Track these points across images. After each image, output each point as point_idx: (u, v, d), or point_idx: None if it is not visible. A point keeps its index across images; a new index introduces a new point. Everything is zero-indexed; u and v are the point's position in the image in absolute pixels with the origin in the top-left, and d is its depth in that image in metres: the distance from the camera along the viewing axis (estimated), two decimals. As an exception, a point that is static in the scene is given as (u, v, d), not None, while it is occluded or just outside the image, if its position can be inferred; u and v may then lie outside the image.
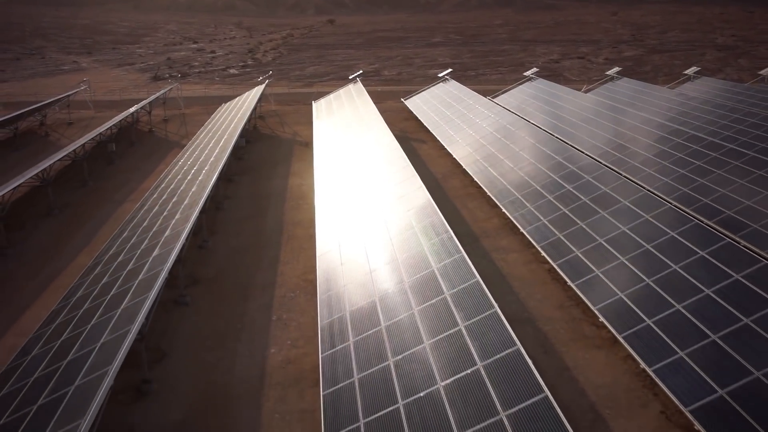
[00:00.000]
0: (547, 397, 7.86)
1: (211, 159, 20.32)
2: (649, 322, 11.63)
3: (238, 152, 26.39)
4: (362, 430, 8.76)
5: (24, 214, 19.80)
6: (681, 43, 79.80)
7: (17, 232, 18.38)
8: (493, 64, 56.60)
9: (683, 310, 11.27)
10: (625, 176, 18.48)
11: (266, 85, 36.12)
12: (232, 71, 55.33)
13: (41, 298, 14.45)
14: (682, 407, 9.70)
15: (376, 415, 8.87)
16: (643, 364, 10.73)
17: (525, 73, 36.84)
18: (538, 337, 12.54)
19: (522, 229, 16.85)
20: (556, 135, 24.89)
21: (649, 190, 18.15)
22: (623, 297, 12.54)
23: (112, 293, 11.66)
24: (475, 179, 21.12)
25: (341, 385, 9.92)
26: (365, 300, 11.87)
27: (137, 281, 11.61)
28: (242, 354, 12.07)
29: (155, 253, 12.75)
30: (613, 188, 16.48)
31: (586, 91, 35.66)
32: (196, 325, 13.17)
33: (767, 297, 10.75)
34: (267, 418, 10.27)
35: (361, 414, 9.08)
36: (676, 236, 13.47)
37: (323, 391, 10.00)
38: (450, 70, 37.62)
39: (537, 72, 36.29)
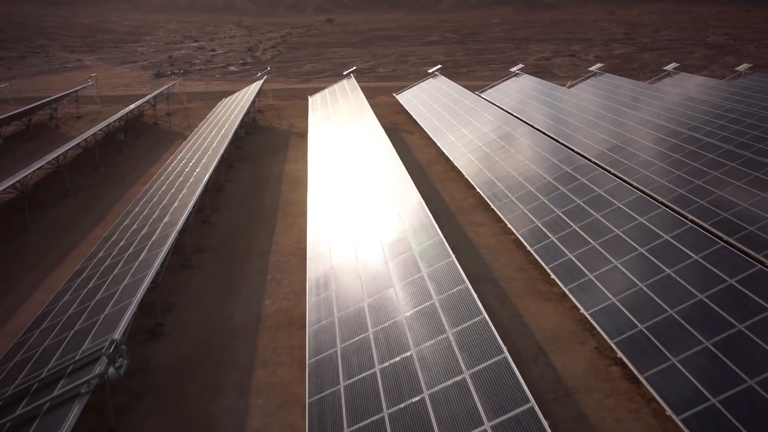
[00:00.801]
0: (484, 318, 9.84)
1: (213, 145, 22.34)
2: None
3: (238, 142, 28.41)
4: (339, 352, 10.77)
5: (43, 196, 21.82)
6: (673, 41, 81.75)
7: (38, 210, 20.41)
8: (486, 62, 58.60)
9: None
10: (579, 153, 20.47)
11: (264, 81, 38.11)
12: (232, 68, 57.33)
13: (64, 263, 16.47)
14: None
15: (352, 341, 10.86)
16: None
17: (511, 70, 38.83)
18: (498, 293, 14.54)
19: (491, 204, 18.84)
20: (528, 122, 26.91)
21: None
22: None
23: (129, 251, 13.68)
24: (455, 164, 23.13)
25: (324, 322, 11.93)
26: (346, 259, 13.88)
27: (151, 241, 13.63)
28: (241, 305, 14.09)
29: (166, 219, 14.77)
30: (562, 159, 18.46)
31: (570, 86, 37.67)
32: (201, 283, 15.19)
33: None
34: (261, 351, 12.29)
35: (338, 341, 11.08)
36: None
37: (308, 328, 12.02)
38: (439, 66, 39.63)
39: (528, 69, 38.30)
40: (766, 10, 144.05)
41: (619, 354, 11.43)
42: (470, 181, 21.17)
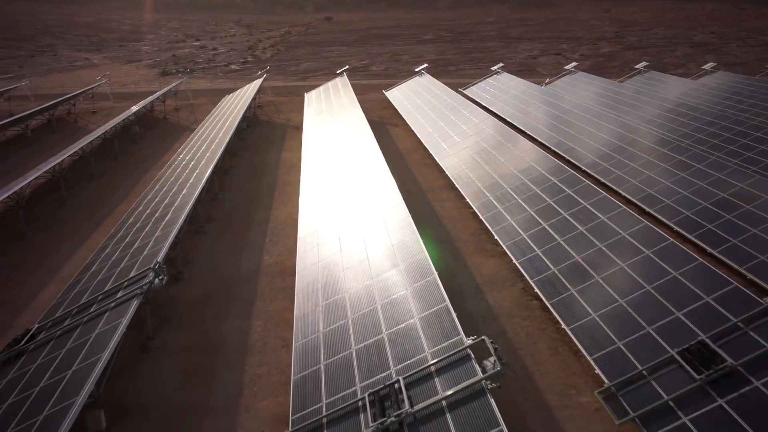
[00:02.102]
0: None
1: (219, 136, 25.99)
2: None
3: (240, 134, 32.05)
4: (319, 284, 14.39)
5: (72, 179, 25.48)
6: (659, 39, 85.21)
7: (69, 190, 24.08)
8: (475, 60, 62.16)
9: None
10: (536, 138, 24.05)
11: (264, 79, 41.75)
12: (233, 67, 60.94)
13: (99, 230, 20.13)
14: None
15: (330, 275, 14.49)
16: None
17: (492, 68, 42.44)
18: (452, 250, 18.18)
19: (457, 185, 22.48)
20: (499, 114, 30.54)
21: (563, 157, 23.74)
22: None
23: (156, 216, 17.34)
24: (430, 152, 26.77)
25: (309, 267, 15.56)
26: (330, 223, 17.52)
27: (173, 208, 17.28)
28: (245, 259, 17.74)
29: (184, 192, 18.43)
30: (519, 144, 22.08)
31: (547, 84, 41.25)
32: (212, 244, 18.85)
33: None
34: (261, 290, 15.94)
35: (320, 277, 14.71)
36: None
37: (297, 274, 15.65)
38: (426, 65, 43.18)
39: (513, 67, 41.82)
40: (762, 7, 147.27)
41: (536, 290, 15.06)
42: (440, 164, 24.81)
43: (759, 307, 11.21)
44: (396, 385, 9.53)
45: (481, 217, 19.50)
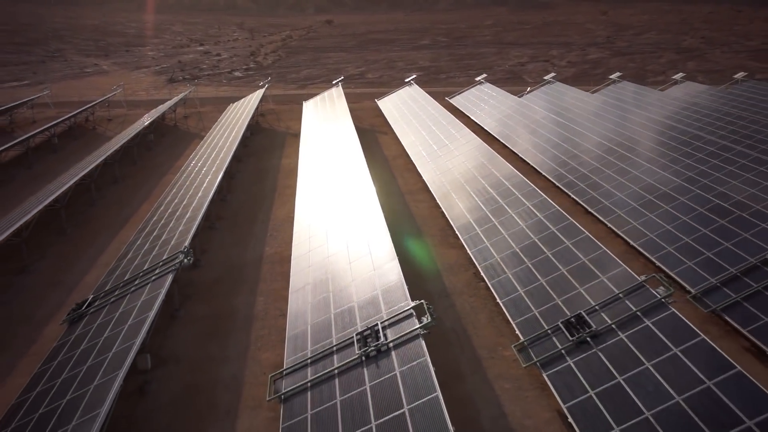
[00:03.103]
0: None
1: (227, 144, 30.11)
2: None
3: (244, 141, 36.12)
4: (309, 256, 18.46)
5: (99, 182, 29.62)
6: (649, 45, 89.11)
7: (97, 192, 28.22)
8: (465, 67, 66.20)
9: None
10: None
11: (266, 89, 45.86)
12: (237, 74, 65.11)
13: (126, 227, 24.24)
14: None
15: (318, 257, 18.55)
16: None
17: (477, 78, 46.48)
18: (420, 243, 22.22)
19: (431, 189, 26.52)
20: (478, 123, 34.54)
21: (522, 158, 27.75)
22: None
23: (177, 214, 21.43)
24: (412, 159, 30.83)
25: (302, 255, 19.62)
26: (320, 221, 21.58)
27: (191, 207, 21.38)
28: (250, 250, 21.84)
29: (199, 194, 22.53)
30: (486, 153, 26.07)
31: (528, 93, 45.25)
32: (222, 238, 22.94)
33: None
34: (263, 274, 20.01)
35: (310, 267, 18.77)
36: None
37: (292, 260, 19.72)
38: (414, 76, 47.27)
39: (502, 75, 45.77)
40: (759, 9, 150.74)
41: (482, 273, 19.12)
42: (418, 169, 28.89)
43: (635, 283, 15.23)
44: (366, 332, 13.63)
45: (446, 215, 23.56)
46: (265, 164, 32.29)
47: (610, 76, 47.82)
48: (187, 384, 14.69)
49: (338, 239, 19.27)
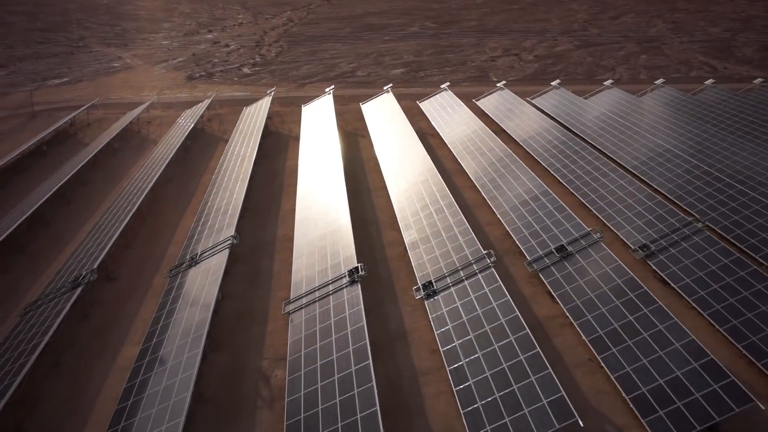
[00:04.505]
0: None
1: (247, 155, 43.21)
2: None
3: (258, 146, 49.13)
4: (303, 241, 31.93)
5: (157, 182, 42.90)
6: (617, 33, 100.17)
7: (159, 189, 41.53)
8: (443, 63, 78.22)
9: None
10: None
11: (272, 95, 58.55)
12: (246, 70, 77.46)
13: (184, 217, 37.65)
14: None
15: (311, 225, 31.99)
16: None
17: (441, 86, 59.02)
18: (376, 228, 35.57)
19: (389, 187, 39.73)
20: (440, 133, 47.37)
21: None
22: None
23: (221, 209, 34.82)
24: (379, 161, 43.90)
25: (299, 236, 33.03)
26: (311, 211, 34.94)
27: (231, 205, 34.75)
28: (268, 232, 35.31)
29: (234, 195, 35.88)
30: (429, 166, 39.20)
31: (479, 99, 57.77)
32: (249, 224, 36.38)
33: None
34: (277, 248, 33.50)
35: (303, 240, 32.21)
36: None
37: (295, 239, 33.16)
38: (391, 85, 59.83)
39: (471, 72, 57.83)
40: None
41: (408, 249, 32.49)
42: (382, 170, 42.08)
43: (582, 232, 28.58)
44: (333, 280, 27.23)
45: (395, 208, 36.85)
46: (274, 166, 45.51)
47: (552, 83, 60.05)
48: (239, 308, 28.38)
49: (320, 226, 32.70)
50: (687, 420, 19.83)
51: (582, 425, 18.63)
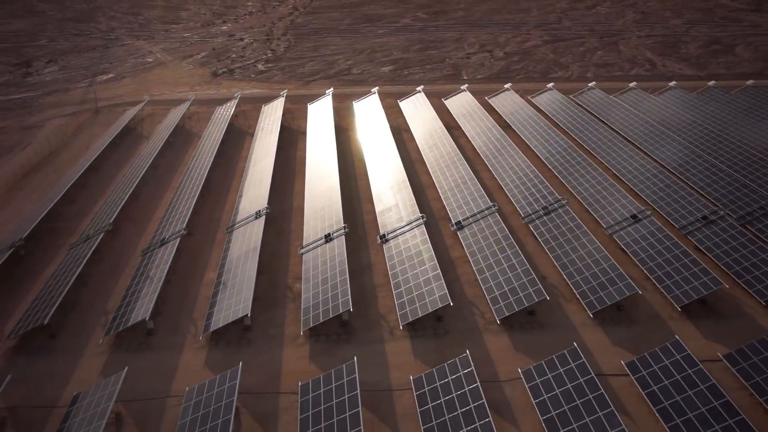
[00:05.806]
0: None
1: (269, 147, 62.90)
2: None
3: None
4: (309, 212, 52.03)
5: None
6: (587, 25, 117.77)
7: (211, 170, 61.54)
8: (426, 61, 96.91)
9: None
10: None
11: (284, 97, 77.90)
12: (260, 67, 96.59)
13: (231, 192, 57.69)
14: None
15: (313, 210, 52.00)
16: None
17: (416, 89, 78.23)
18: (358, 203, 55.53)
19: (371, 180, 59.56)
20: (413, 133, 67.04)
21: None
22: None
23: (254, 185, 54.83)
24: (363, 154, 63.54)
25: (308, 207, 53.01)
26: (314, 189, 54.87)
27: (263, 175, 54.77)
28: (287, 204, 55.36)
29: (264, 174, 55.86)
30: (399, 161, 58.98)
31: (446, 99, 76.85)
32: (274, 198, 56.42)
33: None
34: (293, 215, 53.64)
35: (309, 211, 52.25)
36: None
37: (305, 209, 53.16)
38: (377, 88, 79.11)
39: (445, 70, 76.58)
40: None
41: (377, 218, 52.53)
42: (365, 161, 61.84)
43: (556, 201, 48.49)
44: (328, 234, 47.51)
45: (372, 189, 56.64)
46: (288, 155, 65.32)
47: (505, 86, 79.05)
48: (272, 251, 48.59)
49: (321, 200, 52.67)
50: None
51: (547, 298, 38.81)
